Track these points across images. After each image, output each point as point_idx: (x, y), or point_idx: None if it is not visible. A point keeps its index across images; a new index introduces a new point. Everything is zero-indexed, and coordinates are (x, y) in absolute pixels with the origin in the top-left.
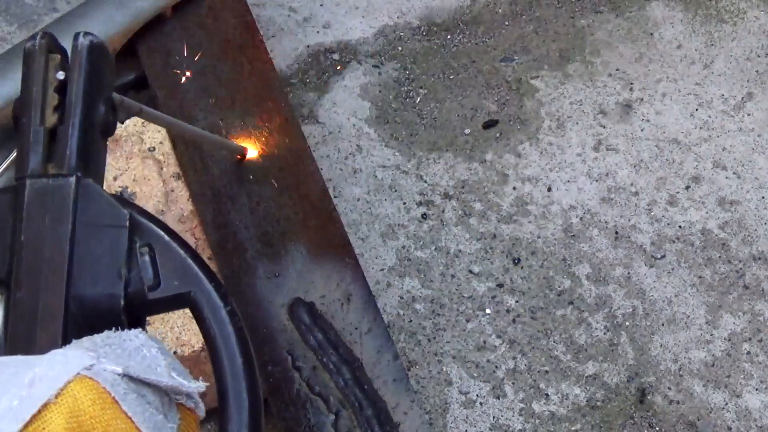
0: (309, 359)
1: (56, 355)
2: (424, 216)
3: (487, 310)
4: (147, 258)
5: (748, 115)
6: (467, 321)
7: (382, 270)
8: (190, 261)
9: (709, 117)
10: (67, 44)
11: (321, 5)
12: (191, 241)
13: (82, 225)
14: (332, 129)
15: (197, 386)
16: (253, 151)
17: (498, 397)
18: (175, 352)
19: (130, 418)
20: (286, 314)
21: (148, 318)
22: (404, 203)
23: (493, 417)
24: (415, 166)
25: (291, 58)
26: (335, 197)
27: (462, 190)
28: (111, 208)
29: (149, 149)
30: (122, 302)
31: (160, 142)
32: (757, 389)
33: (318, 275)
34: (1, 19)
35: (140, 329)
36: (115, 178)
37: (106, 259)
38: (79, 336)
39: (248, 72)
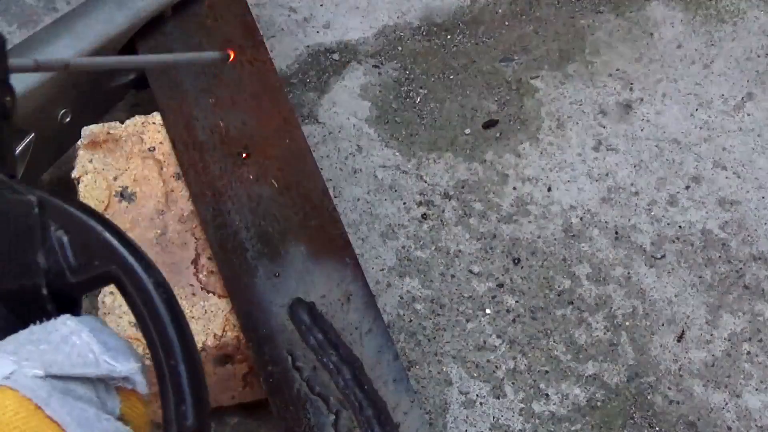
0: (309, 359)
1: None
2: (424, 216)
3: (487, 310)
4: (65, 240)
5: (748, 115)
6: (467, 321)
7: (382, 270)
8: (108, 236)
9: (709, 117)
10: (68, 44)
11: (321, 5)
12: (191, 241)
13: None
14: (332, 129)
15: (129, 368)
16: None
17: (498, 397)
18: None
19: (56, 423)
20: (286, 314)
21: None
22: (404, 203)
23: (493, 417)
24: (415, 166)
25: (291, 58)
26: (335, 197)
27: (462, 190)
28: (16, 194)
29: (149, 149)
30: (45, 291)
31: (160, 142)
32: (757, 389)
33: (318, 275)
34: (1, 19)
35: (68, 315)
36: (115, 178)
37: (20, 249)
38: (6, 331)
39: (248, 72)
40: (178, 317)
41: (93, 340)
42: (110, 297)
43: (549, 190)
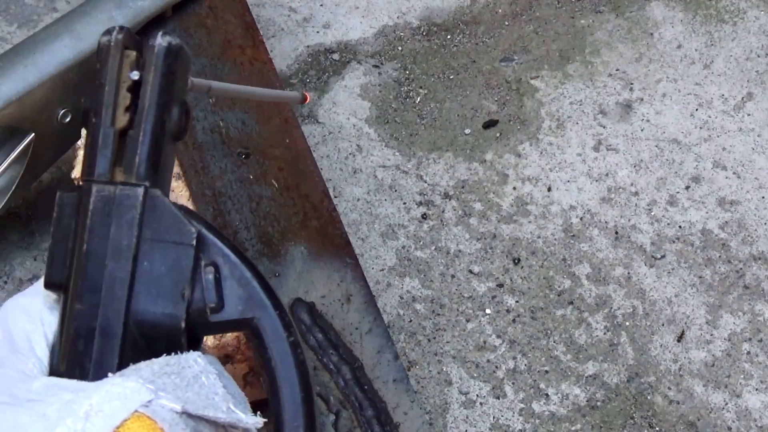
0: (309, 359)
1: (114, 385)
2: (424, 216)
3: (487, 310)
4: (211, 278)
5: (748, 115)
6: (467, 321)
7: (382, 270)
8: (256, 284)
9: (709, 117)
10: (68, 44)
11: (321, 5)
12: None
13: (147, 239)
14: (332, 129)
15: (255, 422)
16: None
17: (498, 397)
18: None
19: None
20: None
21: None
22: (404, 203)
23: (493, 417)
24: (415, 166)
25: (291, 58)
26: (335, 197)
27: (462, 190)
28: (178, 223)
29: None
30: (183, 324)
31: None
32: (757, 389)
33: (318, 275)
34: (1, 19)
35: (199, 353)
36: None
37: (169, 277)
38: (136, 356)
39: (248, 72)
40: (308, 381)
41: (218, 384)
42: None
43: (549, 190)
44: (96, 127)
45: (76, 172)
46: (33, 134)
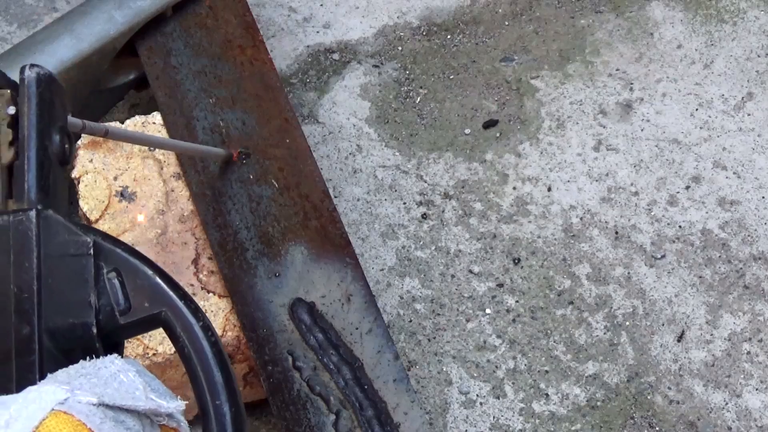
0: (309, 359)
1: (30, 392)
2: (424, 216)
3: (487, 310)
4: (115, 282)
5: (748, 115)
6: (467, 321)
7: (382, 270)
8: (158, 281)
9: (709, 117)
10: (68, 44)
11: (321, 5)
12: (192, 241)
13: (47, 257)
14: (332, 129)
15: (176, 405)
16: (243, 151)
17: (498, 397)
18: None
19: None
20: (286, 314)
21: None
22: (404, 203)
23: (493, 417)
24: (415, 166)
25: (291, 58)
26: (335, 197)
27: (462, 190)
28: (74, 236)
29: (149, 149)
30: (94, 330)
31: None
32: (757, 389)
33: (318, 275)
34: (1, 19)
35: (116, 355)
36: (115, 178)
37: (74, 289)
38: (55, 368)
39: (248, 72)
40: (223, 359)
41: (139, 380)
42: None
43: (549, 190)
44: None
45: (77, 172)
46: None
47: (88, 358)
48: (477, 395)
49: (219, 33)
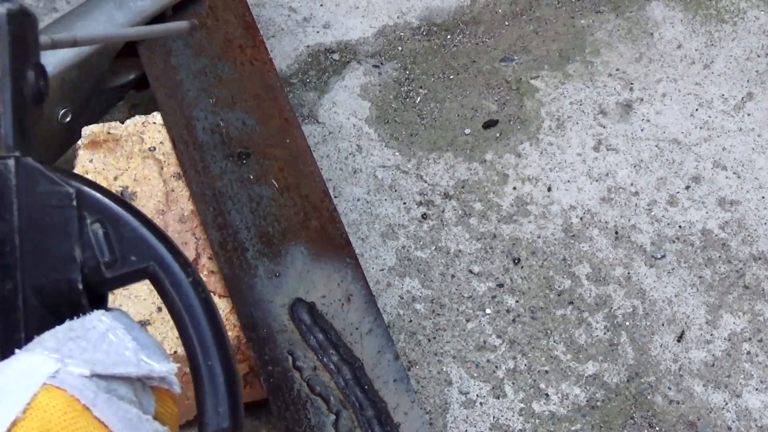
0: (309, 359)
1: (19, 362)
2: (424, 216)
3: (487, 310)
4: (100, 233)
5: (748, 115)
6: (467, 321)
7: (382, 270)
8: (145, 232)
9: (709, 117)
10: (63, 52)
11: (321, 5)
12: (192, 241)
13: (27, 210)
14: (332, 129)
15: (169, 368)
16: (243, 151)
17: (498, 397)
18: (175, 352)
19: (103, 424)
20: (286, 314)
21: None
22: (404, 203)
23: (493, 417)
24: (415, 166)
25: (291, 58)
26: (335, 197)
27: (462, 190)
28: (55, 185)
29: (149, 149)
30: (80, 285)
31: (161, 142)
32: (757, 389)
33: (318, 275)
34: None
35: (103, 311)
36: (115, 178)
37: (57, 242)
38: (42, 326)
39: (248, 72)
40: (215, 317)
41: (128, 338)
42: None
43: (549, 190)
44: None
45: (77, 172)
46: None
47: (75, 315)
48: (477, 395)
49: (219, 33)
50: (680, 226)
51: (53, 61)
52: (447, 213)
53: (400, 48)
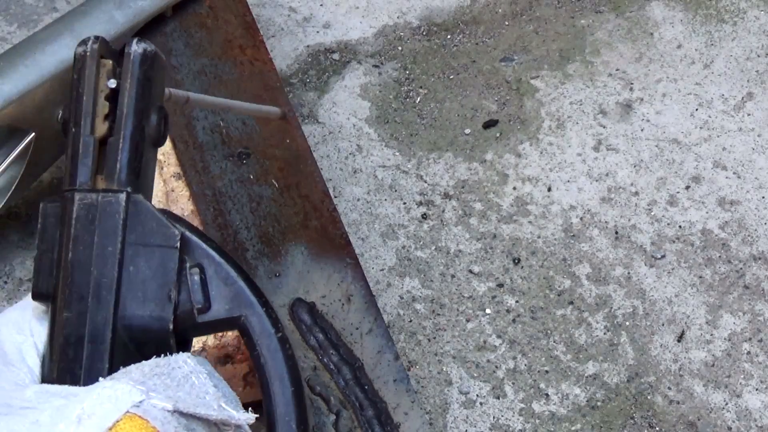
0: (309, 359)
1: (105, 388)
2: (424, 216)
3: (487, 310)
4: (197, 279)
5: (748, 115)
6: (467, 321)
7: (382, 270)
8: (241, 283)
9: (709, 117)
10: (69, 44)
11: (321, 5)
12: None
13: (131, 244)
14: (332, 129)
15: (247, 418)
16: (243, 151)
17: (498, 397)
18: None
19: None
20: (286, 314)
21: None
22: (404, 203)
23: (493, 417)
24: (415, 166)
25: (291, 58)
26: (335, 197)
27: (462, 190)
28: (161, 226)
29: None
30: (171, 326)
31: None
32: (757, 389)
33: (318, 275)
34: (1, 19)
35: (188, 354)
36: None
37: (155, 281)
38: (126, 360)
39: (248, 72)
40: (297, 376)
41: (209, 383)
42: None
43: (549, 190)
44: (76, 137)
45: None
46: (33, 134)
47: (160, 354)
48: (477, 395)
49: (219, 33)
50: (680, 226)
51: (53, 60)
52: (447, 213)
53: (400, 48)
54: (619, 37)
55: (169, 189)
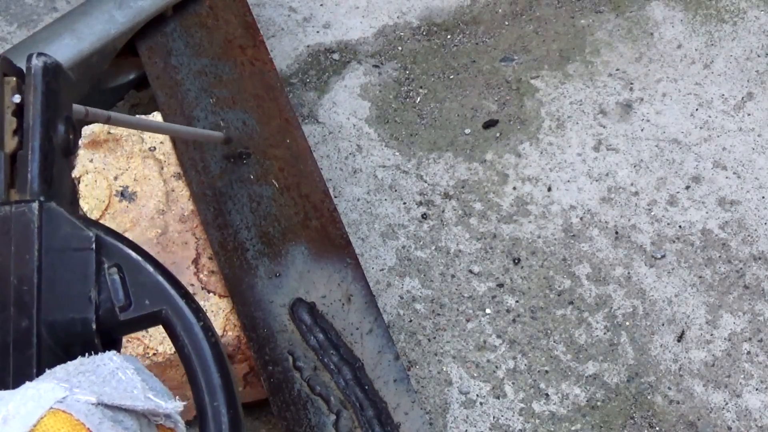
0: (310, 359)
1: (28, 389)
2: (424, 216)
3: (487, 310)
4: (116, 278)
5: (748, 115)
6: (467, 321)
7: (382, 270)
8: (160, 278)
9: (709, 117)
10: (69, 44)
11: (321, 5)
12: (192, 241)
13: (48, 250)
14: (332, 129)
15: (174, 406)
16: (243, 150)
17: (498, 397)
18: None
19: None
20: (287, 314)
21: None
22: (404, 203)
23: (493, 417)
24: (415, 166)
25: (291, 58)
26: (335, 197)
27: (462, 190)
28: (76, 230)
29: (150, 149)
30: (94, 325)
31: (161, 142)
32: (757, 389)
33: (319, 275)
34: (1, 19)
35: (114, 351)
36: (115, 178)
37: (75, 283)
38: (53, 363)
39: (248, 72)
40: (224, 362)
41: (137, 378)
42: None
43: (549, 190)
44: None
45: (77, 172)
46: None
47: (86, 354)
48: (477, 395)
49: (219, 33)
50: (680, 226)
51: None
52: (447, 213)
53: (400, 48)
54: (619, 37)
55: (170, 189)
